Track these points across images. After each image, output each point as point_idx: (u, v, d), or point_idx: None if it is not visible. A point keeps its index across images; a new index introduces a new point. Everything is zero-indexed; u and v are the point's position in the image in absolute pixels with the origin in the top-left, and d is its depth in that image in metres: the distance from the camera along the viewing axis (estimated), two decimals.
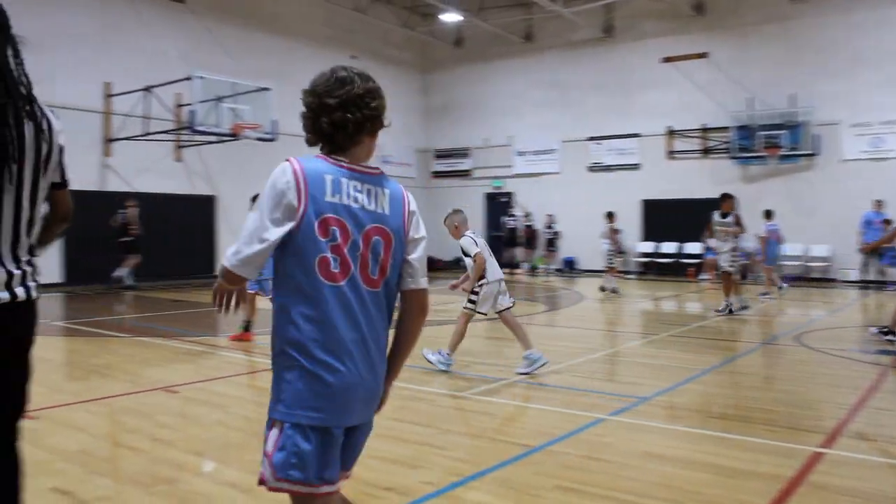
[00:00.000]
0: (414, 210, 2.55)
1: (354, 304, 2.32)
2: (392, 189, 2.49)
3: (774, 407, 6.47)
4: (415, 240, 2.51)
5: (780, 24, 21.54)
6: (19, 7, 14.26)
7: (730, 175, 22.36)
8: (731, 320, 12.57)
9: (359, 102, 2.43)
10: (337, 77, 2.47)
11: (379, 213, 2.40)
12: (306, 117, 2.45)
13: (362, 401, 2.38)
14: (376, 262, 2.38)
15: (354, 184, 2.38)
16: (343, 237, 2.31)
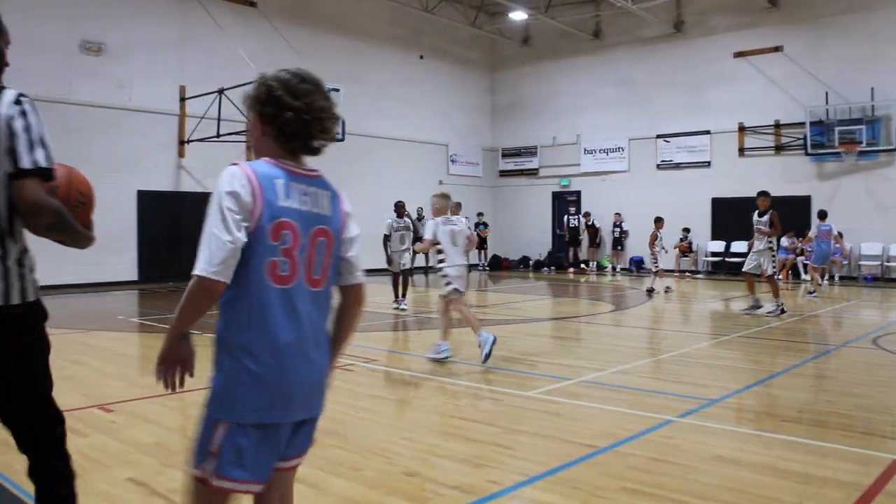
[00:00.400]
0: (349, 210, 2.60)
1: (299, 305, 2.37)
2: (331, 191, 2.54)
3: (850, 411, 6.28)
4: (351, 239, 2.59)
5: (859, 14, 20.83)
6: (106, 19, 14.79)
7: (804, 172, 21.79)
8: (804, 321, 12.24)
9: (335, 113, 2.51)
10: (314, 83, 2.49)
11: (322, 215, 2.46)
12: (294, 122, 2.40)
13: (305, 397, 2.44)
14: (320, 262, 2.45)
15: (301, 187, 2.42)
16: (293, 240, 2.36)
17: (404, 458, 4.93)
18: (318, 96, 2.44)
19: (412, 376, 8.07)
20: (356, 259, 2.60)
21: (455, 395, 7.04)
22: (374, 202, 23.16)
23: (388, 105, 24.91)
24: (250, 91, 2.47)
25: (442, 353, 8.47)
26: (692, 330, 11.92)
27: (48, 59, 16.78)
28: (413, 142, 25.81)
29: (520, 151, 28.58)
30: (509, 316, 13.43)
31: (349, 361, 8.53)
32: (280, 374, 2.32)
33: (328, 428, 5.74)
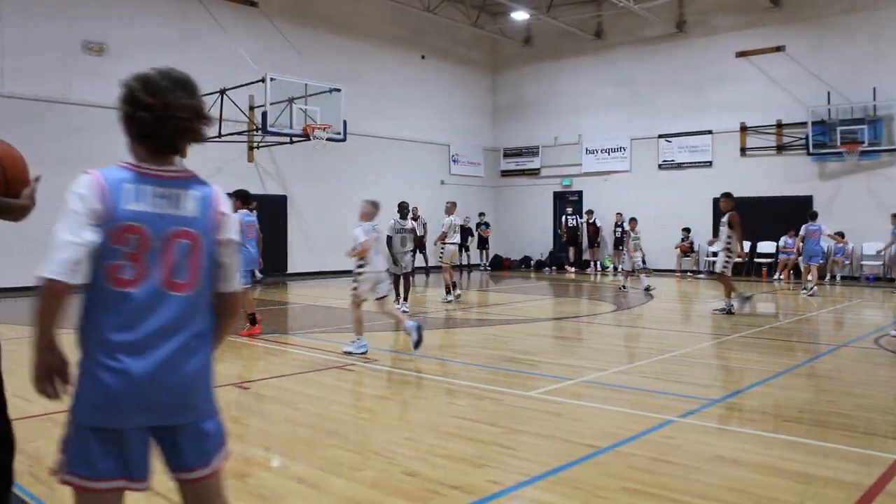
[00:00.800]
0: (223, 211, 2.48)
1: (149, 309, 2.30)
2: (201, 191, 2.45)
3: (852, 411, 6.27)
4: (227, 241, 2.48)
5: (861, 14, 20.80)
6: (107, 19, 14.81)
7: (806, 172, 21.78)
8: (806, 322, 12.23)
9: (202, 114, 2.45)
10: (175, 80, 2.43)
11: (183, 217, 2.38)
12: (148, 122, 2.36)
13: (158, 403, 2.32)
14: (184, 266, 2.37)
15: (157, 189, 2.36)
16: (140, 244, 2.30)
17: (405, 458, 4.93)
18: (180, 94, 2.38)
19: (413, 376, 8.07)
20: (231, 265, 2.50)
21: (456, 394, 7.04)
22: None
23: (389, 105, 24.90)
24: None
25: (361, 349, 8.92)
26: (693, 330, 11.91)
27: (49, 59, 16.80)
28: (414, 142, 25.80)
29: (521, 151, 28.57)
30: (510, 316, 13.43)
31: (350, 361, 8.54)
32: (120, 375, 2.26)
33: (329, 428, 5.75)
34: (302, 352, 9.44)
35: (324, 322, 12.84)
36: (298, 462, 4.92)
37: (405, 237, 13.27)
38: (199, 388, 2.43)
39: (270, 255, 21.08)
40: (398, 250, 13.20)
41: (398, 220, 13.24)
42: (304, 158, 21.49)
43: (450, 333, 11.56)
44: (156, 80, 2.41)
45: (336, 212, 22.44)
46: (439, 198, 25.13)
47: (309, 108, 17.91)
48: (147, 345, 2.29)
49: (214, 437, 2.50)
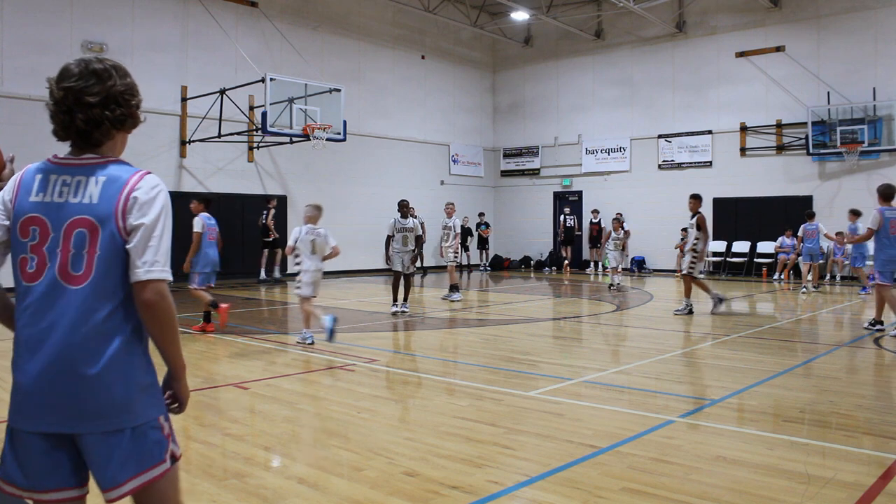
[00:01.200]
0: (136, 195, 2.23)
1: (48, 303, 2.18)
2: (111, 174, 2.26)
3: (852, 412, 6.27)
4: (134, 227, 2.21)
5: (861, 14, 20.81)
6: (108, 20, 14.85)
7: (805, 172, 21.78)
8: (806, 322, 12.23)
9: (119, 99, 2.30)
10: (93, 70, 2.28)
11: (84, 204, 2.23)
12: (59, 112, 2.26)
13: (51, 406, 2.16)
14: (81, 257, 2.20)
15: (64, 178, 2.27)
16: (42, 235, 2.23)
17: (405, 458, 4.93)
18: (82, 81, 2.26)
19: (413, 376, 8.07)
20: (135, 252, 2.21)
21: (456, 394, 7.04)
22: (375, 202, 23.24)
23: (389, 105, 24.92)
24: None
25: (307, 340, 9.76)
26: (693, 330, 11.90)
27: (50, 59, 16.78)
28: (414, 142, 25.81)
29: (521, 151, 28.56)
30: (510, 316, 13.43)
31: (350, 361, 8.54)
32: (20, 373, 2.20)
33: (329, 428, 5.75)
34: (302, 352, 9.44)
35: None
36: (298, 462, 4.92)
37: (406, 236, 12.99)
38: (102, 393, 2.17)
39: (270, 256, 21.18)
40: (399, 249, 12.92)
41: (399, 219, 13.03)
42: (304, 158, 21.51)
43: (450, 333, 11.56)
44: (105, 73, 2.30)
45: (336, 212, 22.41)
46: (439, 198, 25.18)
47: (309, 108, 17.90)
48: (41, 341, 2.17)
49: (129, 453, 2.22)
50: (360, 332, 11.36)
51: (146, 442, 2.25)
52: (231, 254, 19.80)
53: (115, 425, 2.19)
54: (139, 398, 2.25)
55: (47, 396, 2.16)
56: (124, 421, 2.20)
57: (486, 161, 28.94)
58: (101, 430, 2.18)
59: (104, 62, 2.32)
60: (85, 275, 2.20)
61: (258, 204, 20.79)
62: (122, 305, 2.24)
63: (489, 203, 28.67)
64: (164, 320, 2.27)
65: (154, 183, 2.29)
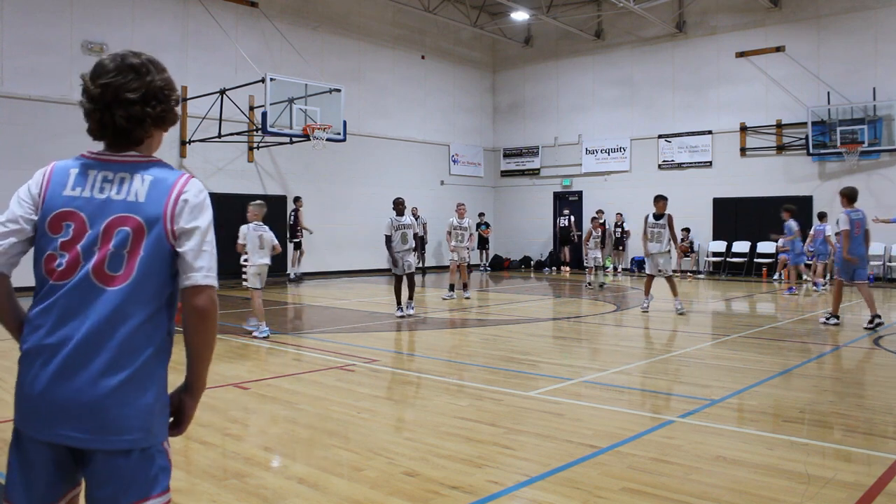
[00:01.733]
0: (186, 198, 2.15)
1: (79, 303, 2.04)
2: (157, 175, 2.17)
3: (852, 412, 6.27)
4: (185, 230, 2.13)
5: (861, 14, 20.81)
6: (108, 20, 14.86)
7: (805, 172, 21.78)
8: (806, 322, 12.23)
9: (160, 95, 2.19)
10: (130, 65, 2.16)
11: (129, 202, 2.11)
12: (97, 110, 2.14)
13: (54, 415, 2.01)
14: (120, 256, 2.07)
15: (105, 173, 2.15)
16: (77, 232, 2.09)
17: (405, 458, 4.93)
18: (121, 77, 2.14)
19: (413, 376, 8.07)
20: (192, 255, 2.12)
21: (456, 395, 7.04)
22: (375, 202, 23.23)
23: (389, 105, 24.92)
24: None
25: (263, 333, 10.23)
26: (693, 330, 11.90)
27: (50, 59, 16.79)
28: (414, 142, 25.81)
29: (521, 151, 28.56)
30: (510, 316, 13.43)
31: (350, 362, 8.54)
32: (34, 375, 2.03)
33: (329, 428, 5.75)
34: (302, 352, 9.44)
35: (324, 322, 12.83)
36: (298, 462, 4.92)
37: (405, 233, 12.67)
38: (121, 407, 2.03)
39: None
40: (398, 248, 12.62)
41: (395, 217, 12.70)
42: (304, 158, 21.51)
43: (450, 333, 11.56)
44: (144, 68, 2.19)
45: (336, 212, 22.47)
46: (439, 198, 25.20)
47: (309, 108, 17.90)
48: (65, 343, 2.02)
49: (134, 477, 2.06)
50: (360, 332, 11.36)
51: (153, 467, 2.09)
52: (231, 253, 19.83)
53: (127, 444, 2.03)
54: (155, 418, 2.11)
55: (55, 403, 2.00)
56: (136, 441, 2.05)
57: (486, 161, 28.94)
58: (113, 447, 2.02)
59: (140, 56, 2.20)
60: (124, 276, 2.07)
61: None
62: (157, 313, 2.12)
63: (489, 203, 28.67)
64: (212, 330, 2.20)
65: (200, 187, 2.23)
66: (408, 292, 12.84)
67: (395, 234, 12.63)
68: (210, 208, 2.22)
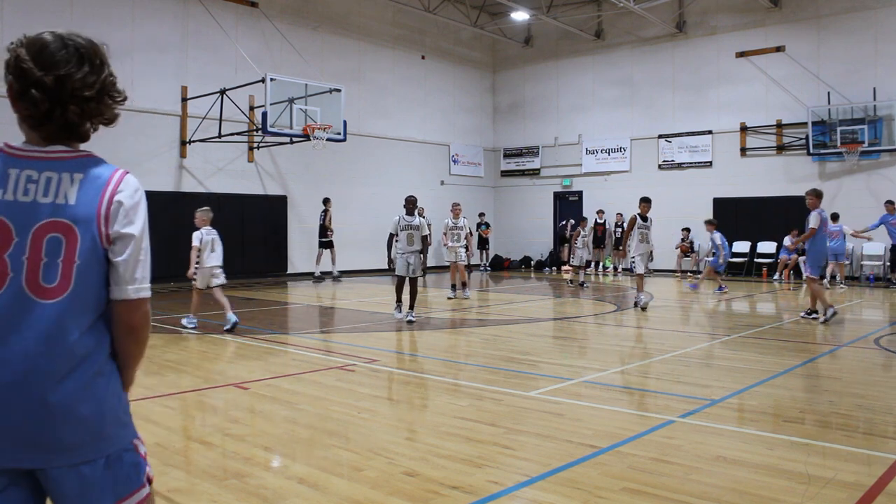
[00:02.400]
0: (121, 199, 1.95)
1: (12, 319, 1.85)
2: (87, 173, 1.95)
3: (852, 412, 6.27)
4: (120, 235, 1.95)
5: (861, 14, 20.81)
6: (108, 20, 14.87)
7: (806, 172, 21.78)
8: (806, 322, 12.24)
9: (113, 93, 2.00)
10: (81, 55, 1.94)
11: (58, 205, 1.90)
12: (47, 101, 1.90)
13: (19, 437, 1.85)
14: (53, 265, 1.88)
15: (28, 173, 1.92)
16: (3, 241, 1.88)
17: (405, 459, 4.93)
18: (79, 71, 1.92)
19: (413, 376, 8.07)
20: (124, 266, 1.95)
21: (456, 395, 7.04)
22: (376, 202, 23.23)
23: (389, 105, 24.92)
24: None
25: (191, 324, 11.00)
26: (693, 330, 11.91)
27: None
28: (415, 142, 25.81)
29: (521, 152, 28.56)
30: (511, 316, 13.43)
31: (350, 362, 8.54)
32: None
33: (329, 428, 5.75)
34: (302, 352, 9.44)
35: (324, 322, 12.83)
36: (298, 462, 4.92)
37: (412, 234, 11.93)
38: (73, 423, 1.88)
39: (271, 255, 21.21)
40: (403, 250, 11.95)
41: (404, 216, 12.00)
42: (305, 159, 21.51)
43: (450, 334, 11.56)
44: (52, 49, 1.91)
45: (336, 212, 22.43)
46: (439, 198, 25.19)
47: (309, 108, 17.91)
48: (2, 363, 1.83)
49: (104, 483, 1.95)
50: (360, 332, 11.36)
51: (122, 467, 1.98)
52: (231, 254, 19.84)
53: (87, 456, 1.91)
54: (113, 424, 1.98)
55: (7, 426, 1.84)
56: (98, 450, 1.93)
57: (487, 161, 28.94)
58: (70, 462, 1.89)
59: (84, 41, 1.96)
60: (61, 287, 1.88)
61: (258, 204, 20.81)
62: (98, 322, 1.96)
63: (489, 203, 28.67)
64: (143, 341, 2.07)
65: (136, 185, 2.02)
66: (409, 299, 12.06)
67: (401, 233, 11.96)
68: (145, 209, 2.03)
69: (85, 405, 1.90)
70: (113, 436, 1.97)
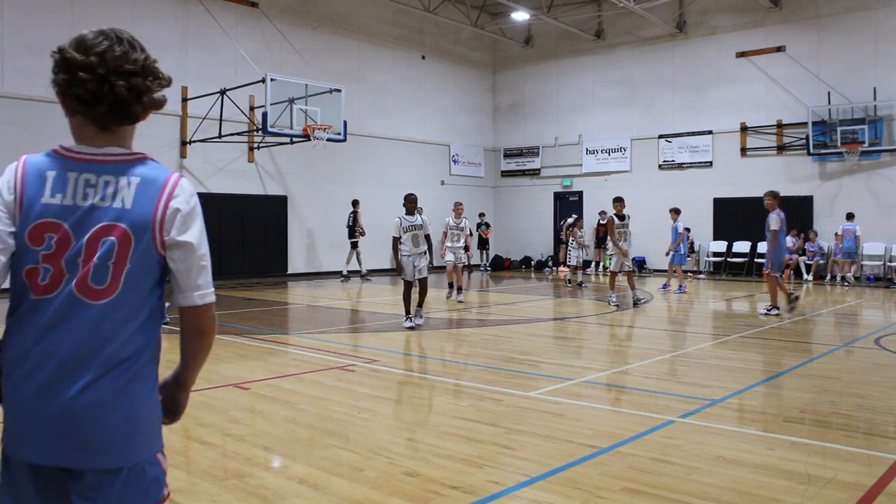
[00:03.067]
0: (177, 206, 1.99)
1: (62, 320, 1.90)
2: (146, 177, 1.99)
3: (852, 412, 6.27)
4: (177, 243, 1.99)
5: (861, 14, 20.81)
6: (108, 20, 14.94)
7: (806, 172, 21.78)
8: (806, 322, 12.24)
9: (157, 73, 2.01)
10: (121, 38, 1.98)
11: (115, 209, 1.94)
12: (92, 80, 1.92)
13: (39, 434, 1.90)
14: (105, 269, 1.92)
15: (87, 177, 1.96)
16: (60, 244, 1.92)
17: (405, 459, 4.93)
18: (118, 47, 1.94)
19: (413, 376, 8.07)
20: (185, 274, 2.01)
21: (456, 395, 7.04)
22: (376, 203, 23.23)
23: (389, 105, 24.92)
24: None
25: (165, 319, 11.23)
26: (694, 330, 11.91)
27: (49, 59, 16.73)
28: (414, 142, 25.81)
29: (522, 152, 28.57)
30: (511, 316, 13.43)
31: (350, 362, 8.54)
32: (15, 396, 1.92)
33: (329, 428, 5.75)
34: (302, 352, 9.44)
35: (324, 322, 12.83)
36: (299, 462, 4.92)
37: (416, 235, 11.23)
38: (104, 426, 1.91)
39: (271, 255, 21.22)
40: (409, 252, 11.18)
41: (405, 216, 11.32)
42: (305, 159, 21.51)
43: (450, 334, 11.56)
44: (91, 37, 1.96)
45: (336, 212, 22.46)
46: (440, 198, 25.18)
47: (309, 108, 17.91)
48: (47, 361, 1.89)
49: (124, 494, 1.95)
50: (360, 333, 11.36)
51: (144, 480, 1.98)
52: (231, 254, 19.87)
53: (113, 463, 1.93)
54: (141, 433, 1.99)
55: (39, 421, 1.89)
56: (122, 458, 1.94)
57: (487, 161, 28.94)
58: (99, 466, 1.91)
59: (120, 30, 2.01)
60: (109, 289, 1.93)
61: (258, 204, 20.81)
62: (143, 326, 1.98)
63: (489, 203, 28.67)
64: (210, 343, 2.14)
65: (191, 190, 2.05)
66: (418, 299, 11.47)
67: (404, 235, 11.20)
68: (201, 214, 2.06)
69: (115, 409, 1.92)
70: (141, 445, 1.99)
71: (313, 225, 22.25)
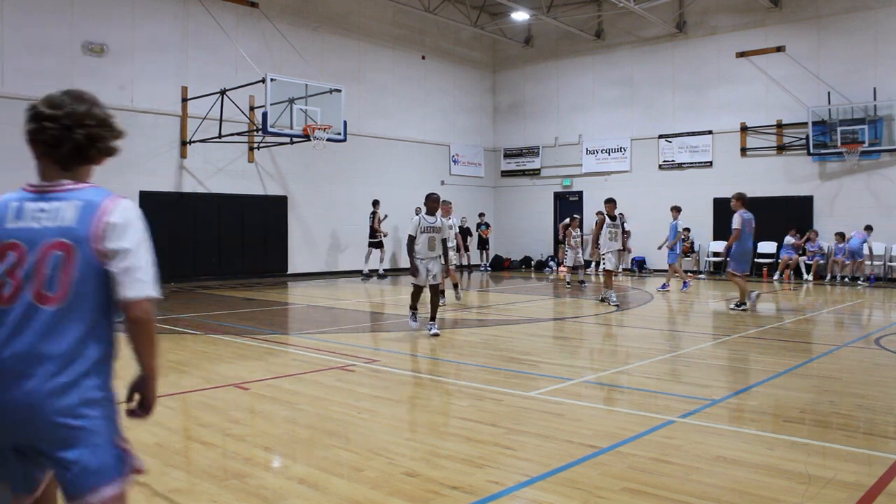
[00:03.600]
0: (111, 220, 2.36)
1: (23, 324, 2.29)
2: (87, 200, 2.39)
3: (852, 412, 6.27)
4: (113, 250, 2.34)
5: (861, 14, 20.81)
6: (108, 20, 14.94)
7: (806, 172, 21.78)
8: (806, 321, 12.24)
9: (111, 126, 2.51)
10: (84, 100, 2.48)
11: (61, 227, 2.35)
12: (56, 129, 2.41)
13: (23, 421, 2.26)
14: (55, 278, 2.31)
15: (41, 205, 2.39)
16: (18, 260, 2.33)
17: (405, 459, 4.93)
18: (81, 106, 2.44)
19: (413, 376, 8.07)
20: (124, 272, 2.33)
21: (456, 395, 7.04)
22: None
23: (389, 105, 24.92)
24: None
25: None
26: (694, 330, 11.91)
27: (50, 59, 16.79)
28: (414, 142, 25.81)
29: (522, 152, 28.56)
30: (511, 316, 13.42)
31: (350, 362, 8.54)
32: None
33: (329, 428, 5.75)
34: (302, 352, 9.44)
35: (324, 323, 12.83)
36: (299, 462, 4.92)
37: (433, 237, 10.57)
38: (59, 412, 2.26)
39: (271, 255, 21.22)
40: (423, 254, 10.53)
41: (424, 215, 10.67)
42: (305, 159, 21.50)
43: (450, 334, 11.55)
44: (56, 96, 2.45)
45: (336, 212, 22.47)
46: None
47: (309, 108, 17.90)
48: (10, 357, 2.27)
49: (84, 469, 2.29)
50: (360, 332, 11.36)
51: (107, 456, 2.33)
52: (231, 254, 19.90)
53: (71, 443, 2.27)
54: (98, 419, 2.33)
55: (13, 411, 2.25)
56: (81, 439, 2.28)
57: (487, 161, 28.94)
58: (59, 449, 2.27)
59: (82, 91, 2.51)
60: (59, 296, 2.30)
61: (258, 204, 20.81)
62: (95, 328, 2.35)
63: (489, 203, 28.68)
64: (148, 333, 2.40)
65: (128, 206, 2.42)
66: (430, 309, 10.71)
67: (421, 236, 10.51)
68: (138, 226, 2.41)
69: (75, 397, 2.28)
70: (96, 430, 2.32)
71: (313, 224, 22.25)
